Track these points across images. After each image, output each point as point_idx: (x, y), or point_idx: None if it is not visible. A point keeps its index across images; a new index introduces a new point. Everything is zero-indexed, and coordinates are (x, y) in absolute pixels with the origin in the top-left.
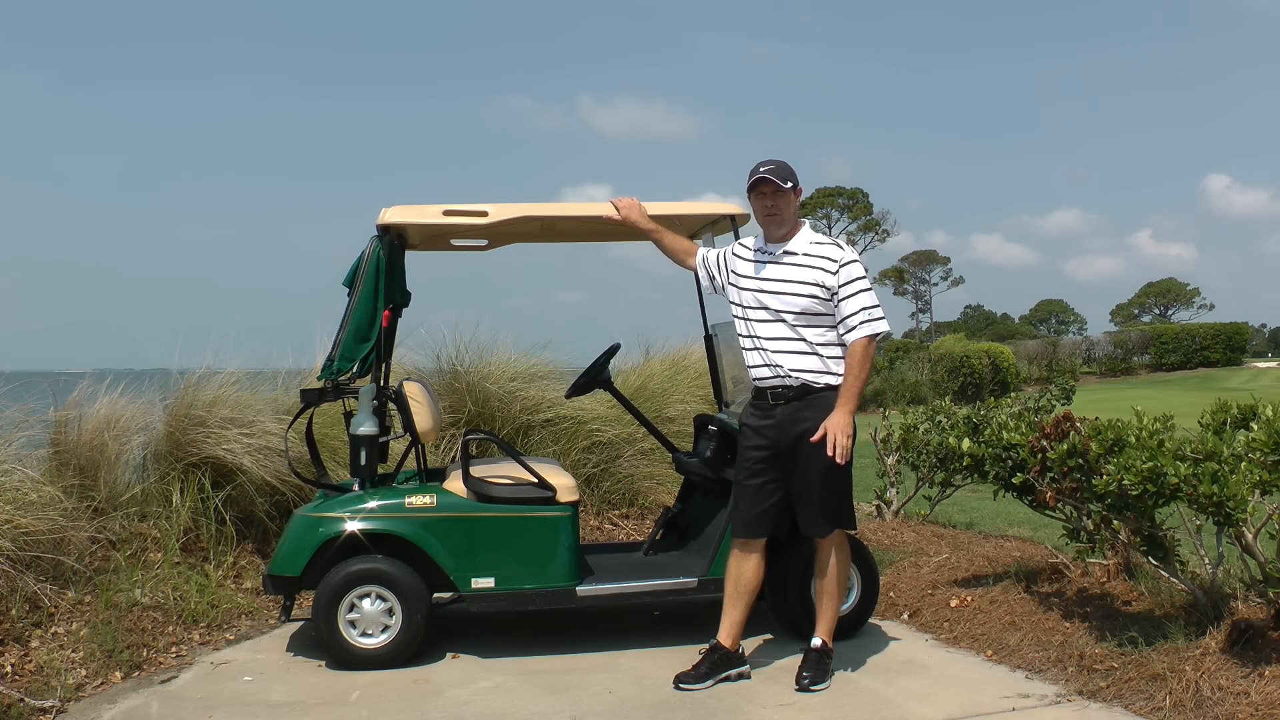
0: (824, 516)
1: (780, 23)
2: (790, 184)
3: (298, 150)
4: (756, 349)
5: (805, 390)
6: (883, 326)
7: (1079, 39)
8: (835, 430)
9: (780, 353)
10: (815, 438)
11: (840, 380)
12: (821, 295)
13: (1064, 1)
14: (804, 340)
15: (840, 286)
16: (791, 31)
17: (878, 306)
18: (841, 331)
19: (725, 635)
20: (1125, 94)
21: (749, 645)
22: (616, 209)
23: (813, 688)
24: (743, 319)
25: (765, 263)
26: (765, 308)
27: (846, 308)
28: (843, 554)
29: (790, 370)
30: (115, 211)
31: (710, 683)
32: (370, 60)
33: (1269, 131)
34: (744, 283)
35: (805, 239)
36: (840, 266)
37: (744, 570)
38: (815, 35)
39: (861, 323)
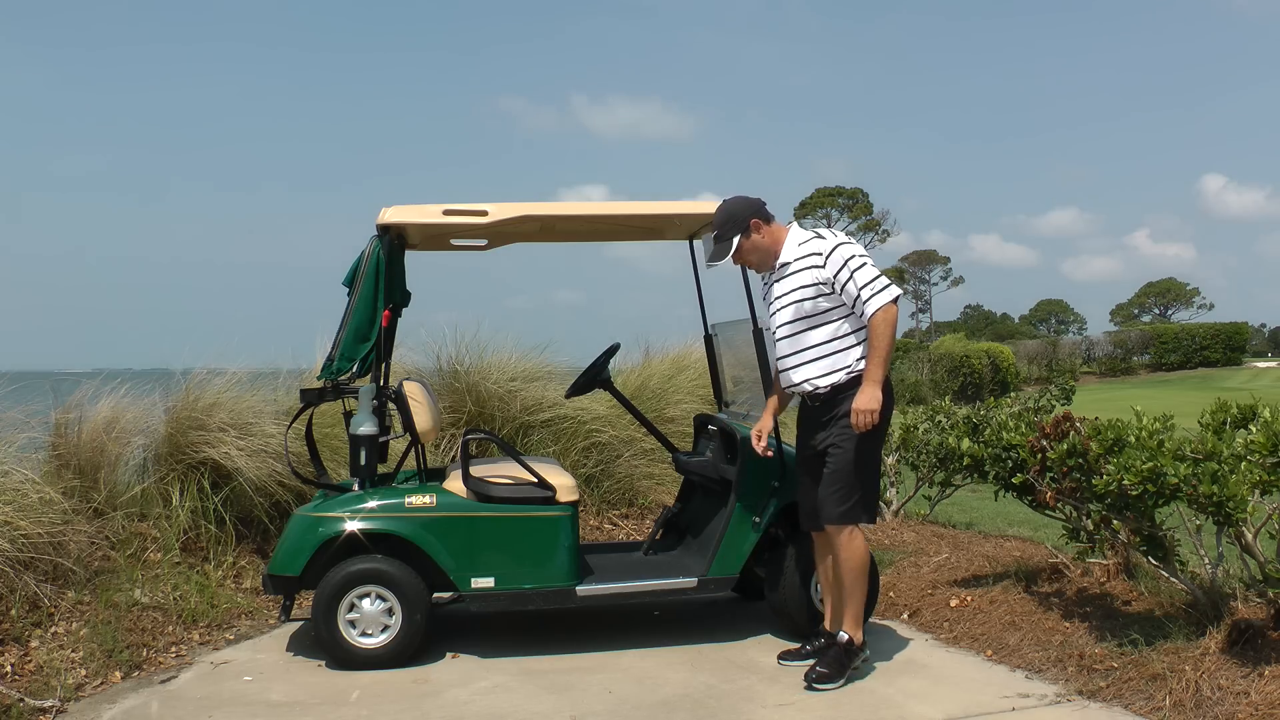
0: (832, 507)
1: (775, 22)
2: (735, 235)
3: (296, 151)
4: (780, 361)
5: (816, 394)
6: (891, 294)
7: (1075, 38)
8: (859, 407)
9: (793, 367)
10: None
11: (849, 374)
12: (823, 290)
13: (1061, 1)
14: (811, 347)
15: (835, 275)
16: (786, 30)
17: (880, 278)
18: (856, 313)
19: (826, 623)
20: (1121, 93)
21: (749, 645)
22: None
23: (818, 685)
24: (774, 340)
25: (772, 283)
26: (780, 324)
27: (850, 292)
28: (854, 545)
29: (802, 381)
30: (115, 211)
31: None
32: (367, 62)
33: (1264, 132)
34: (768, 306)
35: (794, 245)
36: (826, 257)
37: (823, 560)
38: (810, 34)
39: (869, 297)
